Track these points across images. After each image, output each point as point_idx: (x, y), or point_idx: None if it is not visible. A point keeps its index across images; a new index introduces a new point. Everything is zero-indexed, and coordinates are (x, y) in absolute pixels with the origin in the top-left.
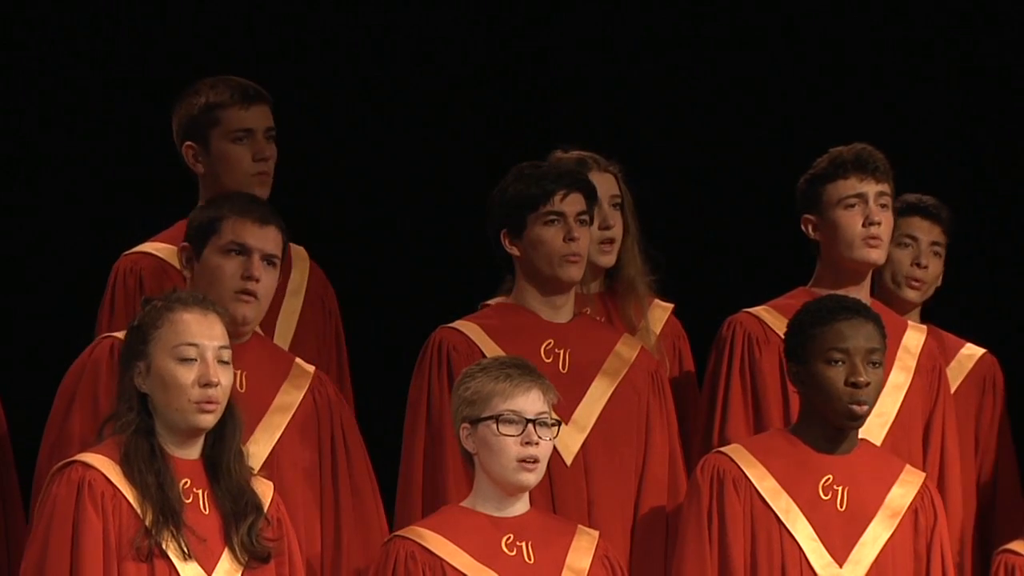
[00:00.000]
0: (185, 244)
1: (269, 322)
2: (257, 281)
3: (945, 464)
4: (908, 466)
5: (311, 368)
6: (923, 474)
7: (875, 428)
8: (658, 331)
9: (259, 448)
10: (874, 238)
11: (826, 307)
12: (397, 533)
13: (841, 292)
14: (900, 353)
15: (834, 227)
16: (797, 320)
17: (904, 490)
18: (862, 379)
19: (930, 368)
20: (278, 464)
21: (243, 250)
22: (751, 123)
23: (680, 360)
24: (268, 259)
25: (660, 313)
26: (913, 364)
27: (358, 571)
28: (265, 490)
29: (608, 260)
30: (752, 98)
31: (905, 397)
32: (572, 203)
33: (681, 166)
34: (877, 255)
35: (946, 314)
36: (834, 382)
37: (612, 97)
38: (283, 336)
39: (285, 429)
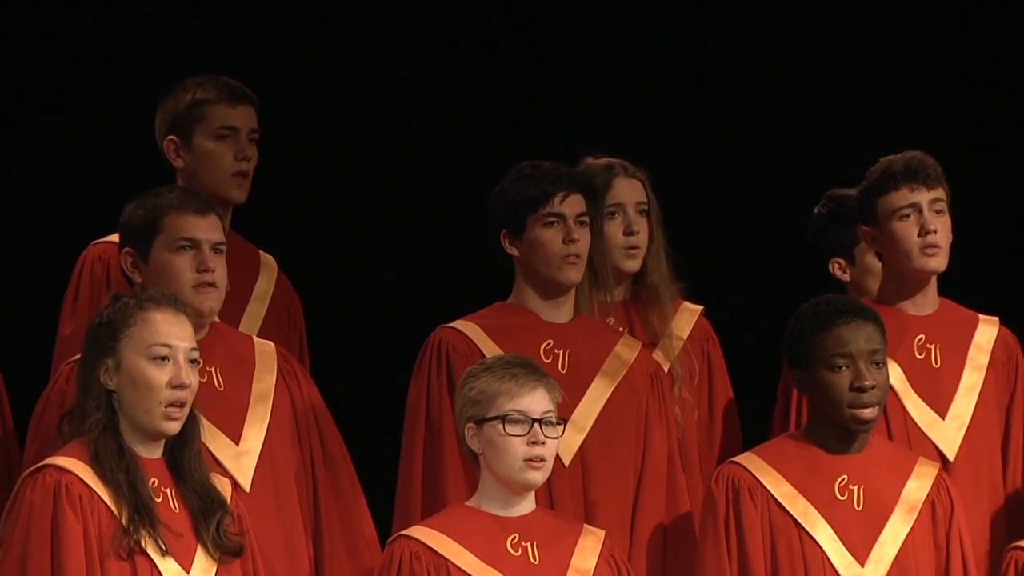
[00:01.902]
0: (128, 249)
1: (233, 323)
2: (212, 271)
3: None
4: (921, 458)
5: (270, 345)
6: (937, 465)
7: (951, 432)
8: (685, 336)
9: (252, 443)
10: (932, 246)
11: (824, 311)
12: (402, 533)
13: (908, 301)
14: (972, 352)
15: (892, 238)
16: (796, 326)
17: (919, 483)
18: (867, 383)
19: (1005, 360)
20: (271, 457)
21: (192, 244)
22: (777, 127)
23: (709, 362)
24: (216, 247)
25: (688, 316)
26: (986, 361)
27: (342, 560)
28: (224, 486)
29: (633, 265)
30: (782, 99)
31: (980, 397)
32: (572, 204)
33: (708, 166)
34: (936, 263)
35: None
36: (839, 388)
37: (632, 100)
38: None
39: (271, 419)
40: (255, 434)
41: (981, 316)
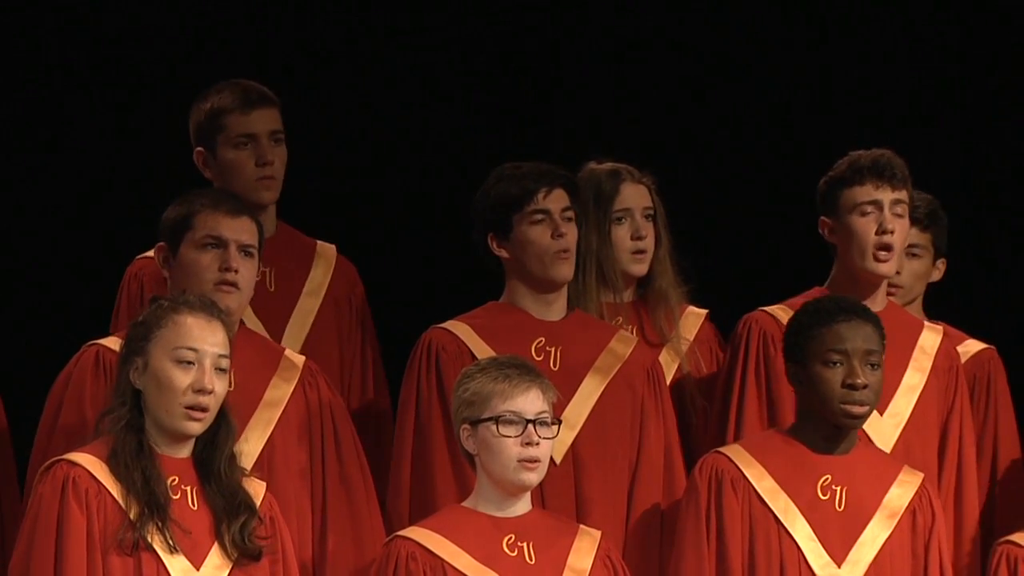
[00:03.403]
0: (161, 244)
1: (280, 322)
2: (236, 272)
3: (962, 465)
4: (906, 466)
5: (300, 359)
6: (921, 474)
7: (888, 429)
8: (692, 338)
9: (251, 446)
10: (885, 248)
11: (825, 308)
12: (398, 533)
13: (856, 295)
14: (916, 354)
15: (849, 232)
16: (796, 320)
17: (902, 490)
18: (859, 381)
19: (947, 368)
20: (270, 462)
21: (219, 243)
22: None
23: (718, 365)
24: (244, 249)
25: (694, 320)
26: (929, 365)
27: (348, 571)
28: (258, 489)
29: (640, 269)
30: (788, 103)
31: (919, 398)
32: (556, 199)
33: (710, 171)
34: (887, 268)
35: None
36: (831, 383)
37: (635, 104)
38: (294, 336)
39: (276, 425)
40: (257, 436)
41: (926, 322)
